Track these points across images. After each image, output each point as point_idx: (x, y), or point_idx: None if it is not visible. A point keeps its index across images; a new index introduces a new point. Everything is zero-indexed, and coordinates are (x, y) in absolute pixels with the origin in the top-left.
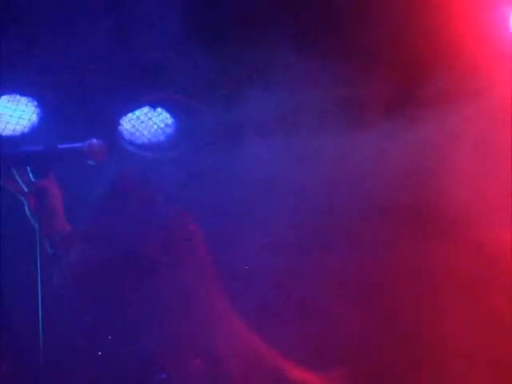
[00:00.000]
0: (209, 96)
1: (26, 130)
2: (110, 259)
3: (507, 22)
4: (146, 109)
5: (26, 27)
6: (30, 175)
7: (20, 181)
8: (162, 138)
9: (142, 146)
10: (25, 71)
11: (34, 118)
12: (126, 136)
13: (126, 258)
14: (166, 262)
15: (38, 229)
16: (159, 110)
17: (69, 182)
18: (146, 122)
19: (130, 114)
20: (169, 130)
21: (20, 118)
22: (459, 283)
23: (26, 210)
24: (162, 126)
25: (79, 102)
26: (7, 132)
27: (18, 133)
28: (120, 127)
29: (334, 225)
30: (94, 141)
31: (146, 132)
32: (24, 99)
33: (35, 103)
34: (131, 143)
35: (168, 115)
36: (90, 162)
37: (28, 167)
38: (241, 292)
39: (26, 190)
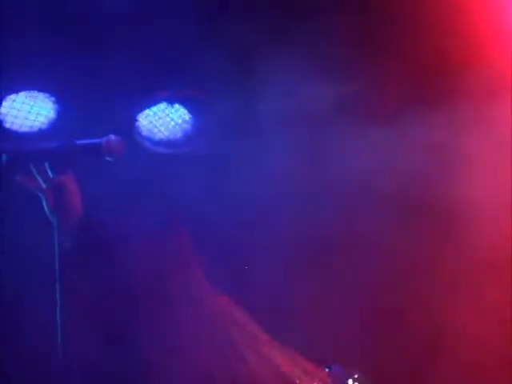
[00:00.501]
0: (226, 92)
1: (44, 127)
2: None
3: None
4: (163, 105)
5: (45, 24)
6: (48, 171)
7: (38, 177)
8: (179, 134)
9: (159, 143)
10: (42, 67)
11: (52, 114)
12: (144, 132)
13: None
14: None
15: (56, 225)
16: (176, 106)
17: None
18: (164, 119)
19: (147, 110)
20: (186, 127)
21: (38, 114)
22: (470, 281)
23: (44, 206)
24: (180, 122)
25: (97, 98)
26: (25, 128)
27: (35, 129)
28: (137, 123)
29: (345, 223)
30: (112, 137)
31: (163, 128)
32: (42, 95)
33: (53, 99)
34: (148, 139)
35: (185, 111)
36: (108, 158)
37: (46, 163)
38: (254, 289)
39: (44, 186)
